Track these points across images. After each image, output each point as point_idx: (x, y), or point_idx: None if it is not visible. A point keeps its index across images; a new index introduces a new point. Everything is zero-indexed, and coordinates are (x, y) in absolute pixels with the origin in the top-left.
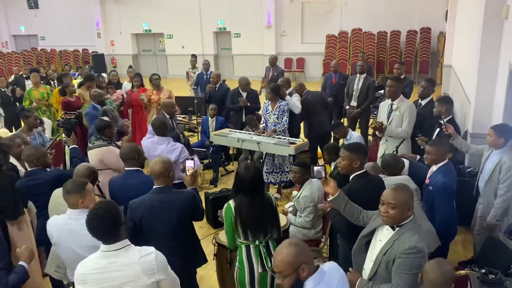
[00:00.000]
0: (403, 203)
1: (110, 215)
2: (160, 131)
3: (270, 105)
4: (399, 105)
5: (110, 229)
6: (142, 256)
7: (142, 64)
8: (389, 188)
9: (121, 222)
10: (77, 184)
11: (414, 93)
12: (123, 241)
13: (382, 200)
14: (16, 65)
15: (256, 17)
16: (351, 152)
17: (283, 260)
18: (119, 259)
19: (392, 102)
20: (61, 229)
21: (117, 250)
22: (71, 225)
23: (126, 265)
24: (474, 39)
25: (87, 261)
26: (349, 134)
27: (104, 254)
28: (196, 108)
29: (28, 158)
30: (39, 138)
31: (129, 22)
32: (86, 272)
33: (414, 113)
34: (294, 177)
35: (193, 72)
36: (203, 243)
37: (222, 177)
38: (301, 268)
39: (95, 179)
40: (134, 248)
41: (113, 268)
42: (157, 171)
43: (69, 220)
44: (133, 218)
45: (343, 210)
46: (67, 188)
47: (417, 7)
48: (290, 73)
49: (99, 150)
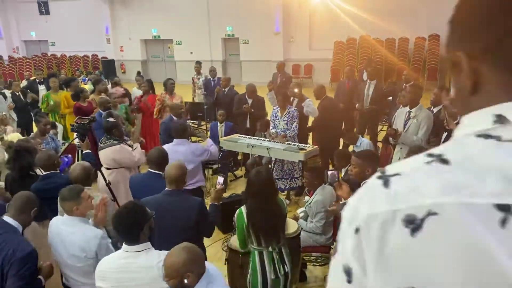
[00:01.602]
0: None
1: (134, 217)
2: (181, 134)
3: (279, 111)
4: (417, 113)
5: (132, 230)
6: (160, 260)
7: (151, 70)
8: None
9: (143, 225)
10: (73, 191)
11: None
12: (145, 244)
13: None
14: (27, 70)
15: (264, 23)
16: (363, 160)
17: (171, 265)
18: (138, 261)
19: (410, 109)
20: (53, 231)
21: (138, 252)
22: (63, 231)
23: (144, 268)
24: None
25: (108, 259)
26: (359, 140)
27: (125, 254)
28: (205, 114)
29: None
30: (52, 142)
31: (138, 28)
32: (105, 269)
33: (431, 122)
34: (306, 182)
35: (197, 78)
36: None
37: (231, 182)
38: (186, 276)
39: (89, 177)
40: (154, 252)
41: (131, 269)
42: (172, 175)
43: (62, 225)
44: None
45: None
46: (62, 195)
47: (425, 14)
48: (298, 79)
49: (111, 149)
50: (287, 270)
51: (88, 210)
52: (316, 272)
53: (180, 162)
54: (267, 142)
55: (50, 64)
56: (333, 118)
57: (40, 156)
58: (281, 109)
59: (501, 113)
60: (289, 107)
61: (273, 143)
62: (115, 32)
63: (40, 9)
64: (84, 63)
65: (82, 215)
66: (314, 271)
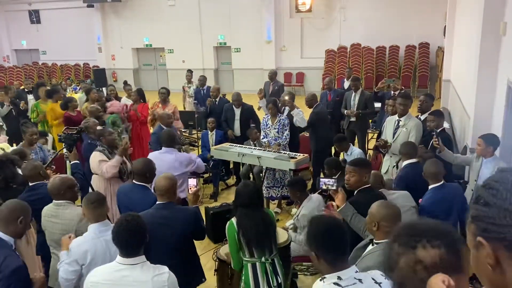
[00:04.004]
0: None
1: (139, 229)
2: (169, 143)
3: (270, 120)
4: (406, 122)
5: (134, 242)
6: (155, 275)
7: (143, 78)
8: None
9: (144, 238)
10: (101, 196)
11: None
12: (141, 257)
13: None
14: (18, 79)
15: (256, 32)
16: (361, 167)
17: None
18: (133, 274)
19: (399, 118)
20: (94, 245)
21: (133, 265)
22: (105, 237)
23: (139, 282)
24: (472, 55)
25: (100, 270)
26: (350, 149)
27: (120, 267)
28: (196, 122)
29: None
30: (40, 152)
31: (130, 36)
32: (98, 281)
33: (421, 131)
34: (290, 195)
35: (188, 87)
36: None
37: (222, 191)
38: None
39: (72, 188)
40: (149, 266)
41: (126, 282)
42: (162, 187)
43: (99, 233)
44: None
45: (349, 221)
46: (91, 200)
47: (415, 22)
48: (290, 87)
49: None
50: (280, 281)
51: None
52: (308, 281)
53: (167, 173)
54: (258, 150)
55: (41, 73)
56: (326, 125)
57: (26, 166)
58: (272, 117)
59: None
60: (279, 115)
61: (263, 151)
62: (106, 40)
63: (31, 17)
64: (76, 72)
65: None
66: (306, 280)
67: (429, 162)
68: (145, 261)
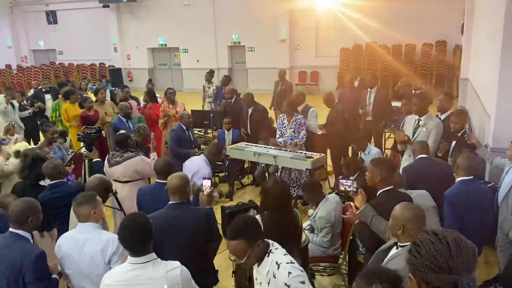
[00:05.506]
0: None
1: (141, 227)
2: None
3: (286, 119)
4: (427, 121)
5: (139, 241)
6: (168, 270)
7: (158, 78)
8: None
9: (150, 235)
10: (87, 195)
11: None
12: (150, 255)
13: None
14: (35, 79)
15: (270, 31)
16: (374, 166)
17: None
18: (145, 273)
19: (419, 117)
20: (65, 249)
21: (144, 263)
22: (78, 240)
23: (152, 279)
24: (493, 53)
25: (113, 272)
26: (368, 148)
27: (131, 267)
28: (211, 122)
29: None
30: (58, 151)
31: (145, 36)
32: (111, 283)
33: (441, 131)
34: (305, 197)
35: (208, 87)
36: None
37: (237, 191)
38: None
39: (107, 189)
40: (161, 262)
41: (139, 281)
42: (174, 186)
43: (75, 235)
44: None
45: (370, 223)
46: (78, 200)
47: (432, 20)
48: (304, 87)
49: (133, 160)
50: None
51: (103, 214)
52: (325, 282)
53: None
54: (274, 150)
55: (57, 73)
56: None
57: (46, 165)
58: (288, 117)
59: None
60: (296, 114)
61: (279, 151)
62: (122, 40)
63: (48, 18)
64: (92, 72)
65: (97, 220)
66: (323, 281)
67: (464, 154)
68: (156, 258)
